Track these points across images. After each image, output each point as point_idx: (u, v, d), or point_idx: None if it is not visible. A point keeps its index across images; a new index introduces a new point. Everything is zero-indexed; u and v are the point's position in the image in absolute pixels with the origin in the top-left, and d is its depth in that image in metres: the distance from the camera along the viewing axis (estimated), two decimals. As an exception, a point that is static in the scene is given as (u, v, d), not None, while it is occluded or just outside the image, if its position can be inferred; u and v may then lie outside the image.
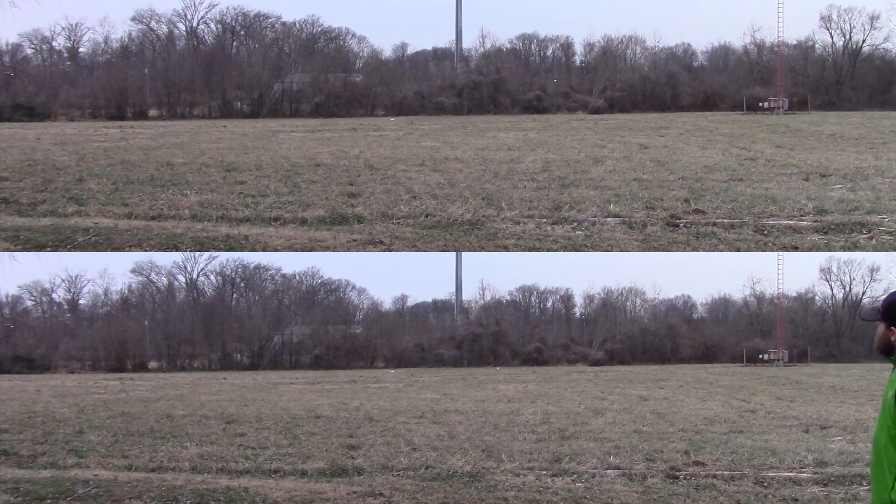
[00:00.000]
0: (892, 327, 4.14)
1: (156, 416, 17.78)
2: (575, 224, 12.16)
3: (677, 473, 10.05)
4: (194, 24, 69.51)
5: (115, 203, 14.33)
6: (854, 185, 15.76)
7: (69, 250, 11.24)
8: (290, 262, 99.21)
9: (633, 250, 10.89)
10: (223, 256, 61.16)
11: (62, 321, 63.60)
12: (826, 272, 60.33)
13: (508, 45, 70.22)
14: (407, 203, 14.02)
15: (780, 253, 24.37)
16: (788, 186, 15.56)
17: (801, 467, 10.47)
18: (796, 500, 8.76)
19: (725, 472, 10.10)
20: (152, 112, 54.59)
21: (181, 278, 64.76)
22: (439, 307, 70.44)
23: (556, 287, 68.81)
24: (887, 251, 11.31)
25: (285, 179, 17.48)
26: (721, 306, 67.58)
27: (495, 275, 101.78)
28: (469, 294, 67.14)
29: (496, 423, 15.79)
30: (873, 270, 58.81)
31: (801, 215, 12.51)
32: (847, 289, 60.11)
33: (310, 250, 11.33)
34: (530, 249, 10.92)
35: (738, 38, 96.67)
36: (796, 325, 56.23)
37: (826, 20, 62.40)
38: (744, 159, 20.75)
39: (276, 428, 15.22)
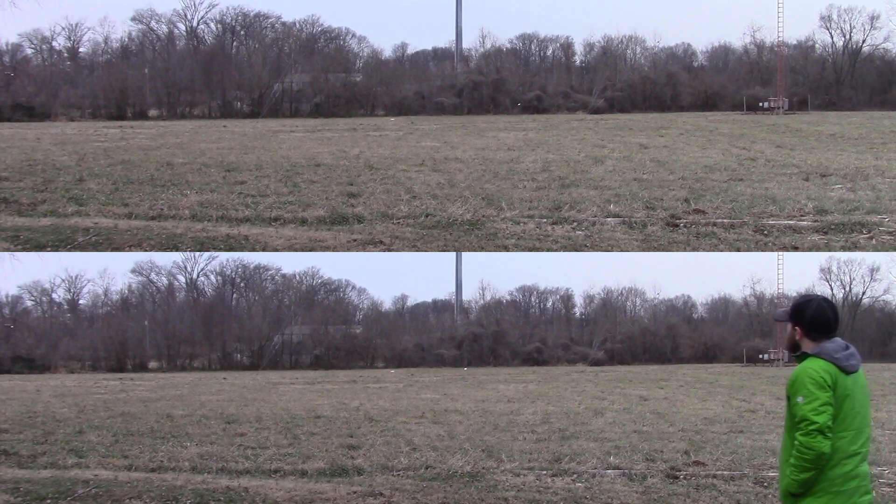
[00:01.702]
0: (797, 327, 4.55)
1: (156, 416, 17.77)
2: (575, 224, 12.16)
3: (677, 473, 10.05)
4: (194, 24, 69.64)
5: (115, 203, 14.32)
6: (854, 185, 15.75)
7: (69, 250, 11.24)
8: (290, 262, 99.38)
9: (633, 250, 10.89)
10: (223, 256, 61.28)
11: (62, 321, 63.64)
12: (826, 272, 60.45)
13: (508, 45, 70.39)
14: (407, 203, 14.02)
15: (780, 253, 24.38)
16: (788, 186, 15.56)
17: (801, 467, 10.45)
18: (796, 500, 8.75)
19: (725, 472, 10.10)
20: (152, 112, 54.63)
21: (181, 278, 64.86)
22: (439, 307, 70.50)
23: (556, 287, 68.99)
24: (887, 251, 11.30)
25: (285, 179, 17.48)
26: (721, 306, 67.64)
27: (495, 275, 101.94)
28: (469, 294, 67.30)
29: (496, 423, 15.78)
30: (873, 270, 58.98)
31: (801, 215, 12.50)
32: (847, 289, 60.22)
33: (310, 250, 11.33)
34: (530, 249, 10.92)
35: (738, 38, 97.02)
36: (796, 325, 56.17)
37: (826, 20, 62.55)
38: (744, 159, 20.75)
39: (276, 428, 15.22)
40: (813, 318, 4.50)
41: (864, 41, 61.69)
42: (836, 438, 4.27)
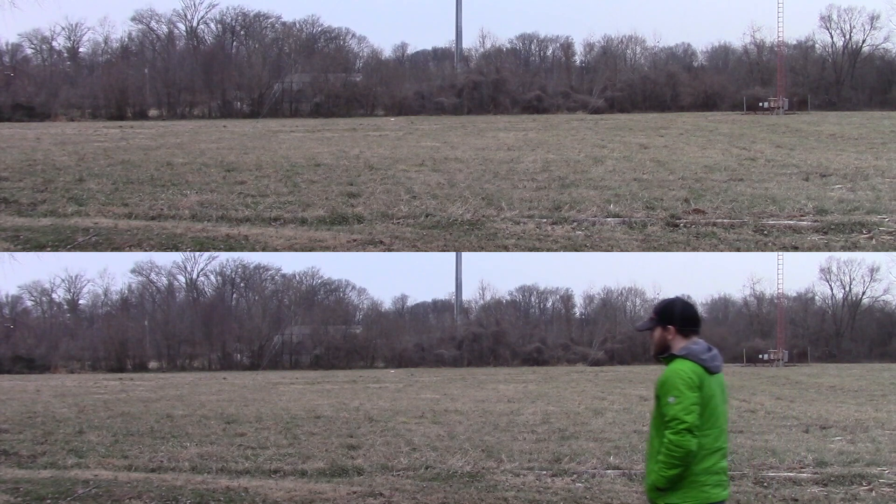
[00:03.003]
0: (669, 326, 4.73)
1: (156, 416, 17.77)
2: (575, 224, 12.16)
3: (677, 473, 10.03)
4: (194, 24, 69.59)
5: (115, 203, 14.33)
6: (854, 185, 15.75)
7: (69, 250, 11.24)
8: (290, 262, 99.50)
9: (633, 250, 10.89)
10: (223, 256, 61.28)
11: (62, 321, 63.63)
12: (826, 272, 60.45)
13: (508, 45, 70.33)
14: (407, 203, 14.02)
15: (780, 253, 24.38)
16: (788, 186, 15.56)
17: (801, 467, 10.47)
18: (796, 500, 8.76)
19: (725, 472, 10.08)
20: (152, 112, 54.60)
21: (181, 278, 64.87)
22: (439, 307, 70.50)
23: (556, 287, 68.98)
24: (887, 251, 11.31)
25: (285, 179, 17.48)
26: (721, 306, 67.65)
27: (495, 275, 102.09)
28: (469, 294, 67.29)
29: (496, 423, 15.78)
30: (873, 270, 58.98)
31: (801, 215, 12.50)
32: (847, 289, 60.20)
33: (310, 250, 11.33)
34: (530, 249, 10.92)
35: (738, 38, 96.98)
36: (796, 325, 56.23)
37: (826, 20, 62.47)
38: (744, 159, 20.75)
39: (276, 428, 15.22)
40: (683, 313, 4.73)
41: (864, 41, 61.66)
42: (701, 436, 4.51)
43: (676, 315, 4.73)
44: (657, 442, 4.60)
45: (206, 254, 59.14)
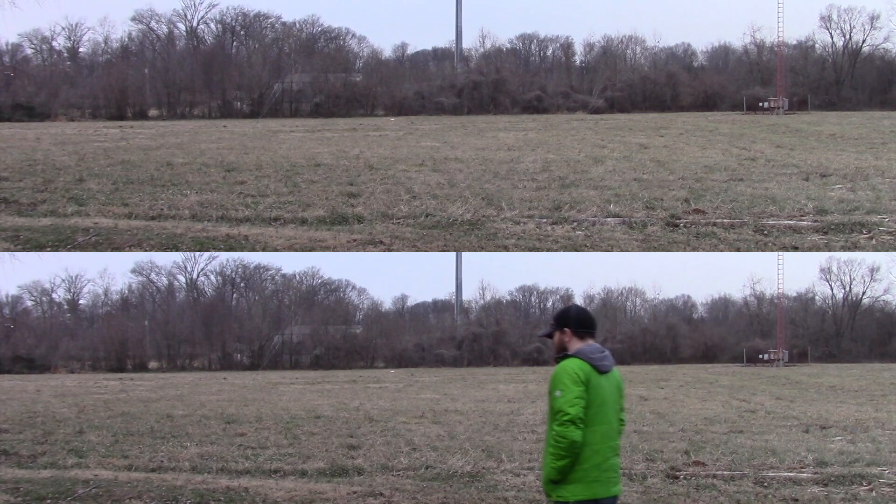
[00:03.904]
0: (566, 329, 5.00)
1: (156, 416, 17.78)
2: (575, 224, 12.16)
3: (677, 473, 10.04)
4: (194, 24, 69.59)
5: (115, 203, 14.33)
6: (854, 185, 15.75)
7: (69, 250, 11.24)
8: (290, 262, 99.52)
9: (633, 250, 10.89)
10: (223, 256, 61.32)
11: (62, 321, 63.68)
12: (826, 272, 60.46)
13: (508, 45, 70.34)
14: (407, 203, 14.02)
15: (780, 253, 24.37)
16: (788, 186, 15.56)
17: (801, 467, 10.47)
18: (796, 500, 8.76)
19: (725, 472, 10.09)
20: (152, 112, 54.57)
21: (181, 278, 64.90)
22: (439, 307, 70.54)
23: (556, 287, 69.07)
24: (887, 251, 11.31)
25: (285, 179, 17.48)
26: (721, 306, 67.70)
27: (495, 275, 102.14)
28: (469, 294, 67.32)
29: (496, 423, 15.78)
30: (873, 270, 58.98)
31: (801, 215, 12.50)
32: (847, 289, 60.20)
33: (310, 250, 11.33)
34: (530, 249, 10.92)
35: (738, 38, 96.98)
36: (796, 325, 56.24)
37: (826, 20, 62.42)
38: (744, 159, 20.75)
39: (276, 428, 15.22)
40: (578, 316, 5.04)
41: (864, 41, 61.60)
42: (590, 432, 4.71)
43: (572, 319, 5.01)
44: (549, 433, 4.77)
45: (206, 254, 59.22)
